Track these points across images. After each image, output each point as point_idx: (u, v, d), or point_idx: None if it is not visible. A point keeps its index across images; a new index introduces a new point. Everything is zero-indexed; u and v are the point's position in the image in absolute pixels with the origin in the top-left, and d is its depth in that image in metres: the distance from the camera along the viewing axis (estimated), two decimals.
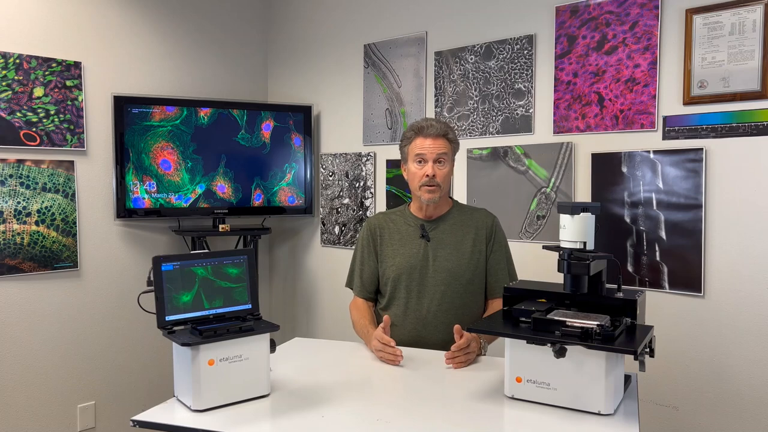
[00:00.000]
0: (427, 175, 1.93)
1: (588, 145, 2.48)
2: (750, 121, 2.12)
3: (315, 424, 1.33)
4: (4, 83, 2.63)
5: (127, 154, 2.95)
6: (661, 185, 2.30)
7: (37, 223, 2.74)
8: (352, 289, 2.16)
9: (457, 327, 1.76)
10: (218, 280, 1.49)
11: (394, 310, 2.02)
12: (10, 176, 2.66)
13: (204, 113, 3.12)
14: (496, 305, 1.99)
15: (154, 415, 1.39)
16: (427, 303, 1.97)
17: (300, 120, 3.34)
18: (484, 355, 1.83)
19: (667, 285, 2.29)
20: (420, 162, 1.97)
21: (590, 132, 2.47)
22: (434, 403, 1.46)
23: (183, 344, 1.35)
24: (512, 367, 1.46)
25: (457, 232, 2.01)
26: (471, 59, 2.81)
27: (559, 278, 1.59)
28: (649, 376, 2.29)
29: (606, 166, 2.43)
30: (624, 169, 2.38)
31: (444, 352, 1.76)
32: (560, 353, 1.33)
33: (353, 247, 3.28)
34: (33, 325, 2.75)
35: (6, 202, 2.65)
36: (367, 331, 1.93)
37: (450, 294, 1.97)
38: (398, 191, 3.09)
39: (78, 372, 2.90)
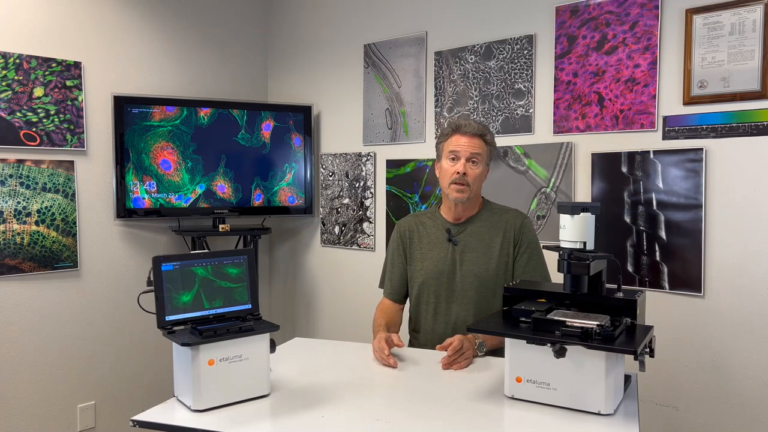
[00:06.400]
0: (458, 172, 1.88)
1: (588, 145, 2.48)
2: (750, 121, 2.12)
3: (315, 424, 1.34)
4: (4, 83, 2.63)
5: (127, 154, 2.95)
6: (661, 185, 2.30)
7: (37, 223, 2.74)
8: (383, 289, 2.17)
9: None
10: (218, 280, 1.49)
11: (424, 315, 2.02)
12: (10, 176, 2.66)
13: (204, 113, 3.12)
14: None
15: (154, 415, 1.39)
16: (456, 308, 1.95)
17: (300, 120, 3.34)
18: (480, 355, 1.82)
19: (667, 285, 2.29)
20: (453, 159, 1.92)
21: (590, 132, 2.47)
22: (434, 403, 1.45)
23: (183, 344, 1.35)
24: (512, 367, 1.46)
25: (486, 235, 1.97)
26: (471, 59, 2.81)
27: (559, 278, 1.60)
28: (649, 376, 2.29)
29: (606, 166, 2.43)
30: (624, 169, 2.38)
31: (443, 352, 1.75)
32: (560, 353, 1.33)
33: (353, 247, 3.28)
34: (33, 325, 2.75)
35: (6, 202, 2.65)
36: (378, 331, 1.93)
37: (479, 300, 1.94)
38: (398, 191, 3.09)
39: (78, 372, 2.90)
